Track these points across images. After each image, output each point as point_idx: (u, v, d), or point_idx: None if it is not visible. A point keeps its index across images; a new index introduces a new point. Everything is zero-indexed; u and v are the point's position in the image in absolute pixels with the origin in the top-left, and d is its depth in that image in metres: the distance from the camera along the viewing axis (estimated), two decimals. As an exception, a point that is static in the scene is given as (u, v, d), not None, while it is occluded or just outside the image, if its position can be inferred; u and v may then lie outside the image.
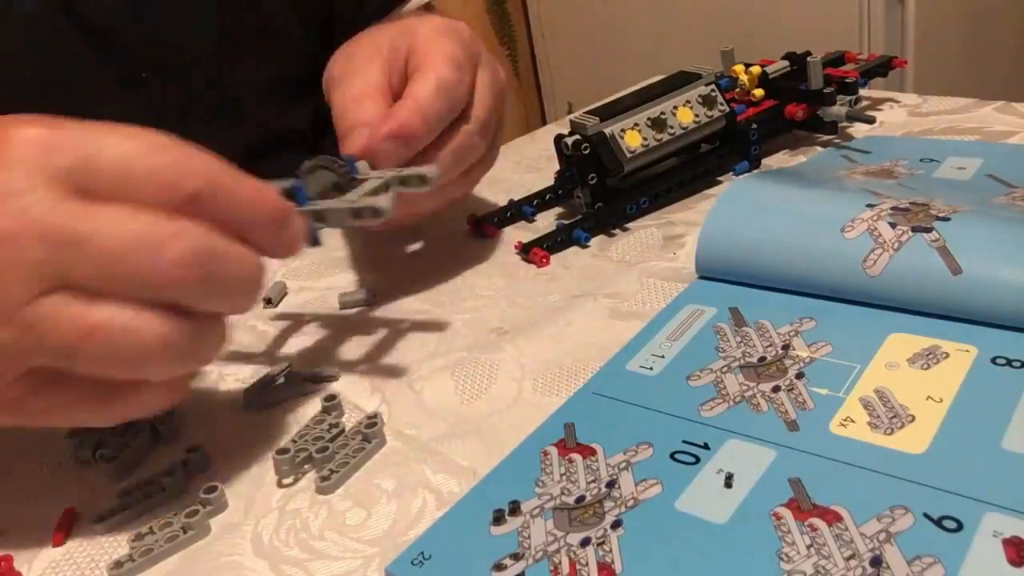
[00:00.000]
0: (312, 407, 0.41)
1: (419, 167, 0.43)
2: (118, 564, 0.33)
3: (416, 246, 0.57)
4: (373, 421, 0.38)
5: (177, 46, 0.59)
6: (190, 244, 0.30)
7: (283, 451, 0.37)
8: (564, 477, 0.33)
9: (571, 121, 0.54)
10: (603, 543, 0.30)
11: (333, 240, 0.60)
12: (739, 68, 0.60)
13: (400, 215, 0.40)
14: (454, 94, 0.45)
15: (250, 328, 0.50)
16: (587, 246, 0.52)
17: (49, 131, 0.30)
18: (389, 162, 0.43)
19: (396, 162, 0.43)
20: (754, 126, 0.57)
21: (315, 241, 0.39)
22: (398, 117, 0.43)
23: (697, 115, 0.55)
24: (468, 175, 0.49)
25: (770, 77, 0.59)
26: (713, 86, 0.55)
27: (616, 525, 0.30)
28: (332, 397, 0.41)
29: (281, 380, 0.43)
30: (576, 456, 0.34)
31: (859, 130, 0.60)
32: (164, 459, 0.39)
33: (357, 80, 0.48)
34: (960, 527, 0.28)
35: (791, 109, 0.58)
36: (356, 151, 0.43)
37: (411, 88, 0.44)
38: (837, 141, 0.59)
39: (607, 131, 0.53)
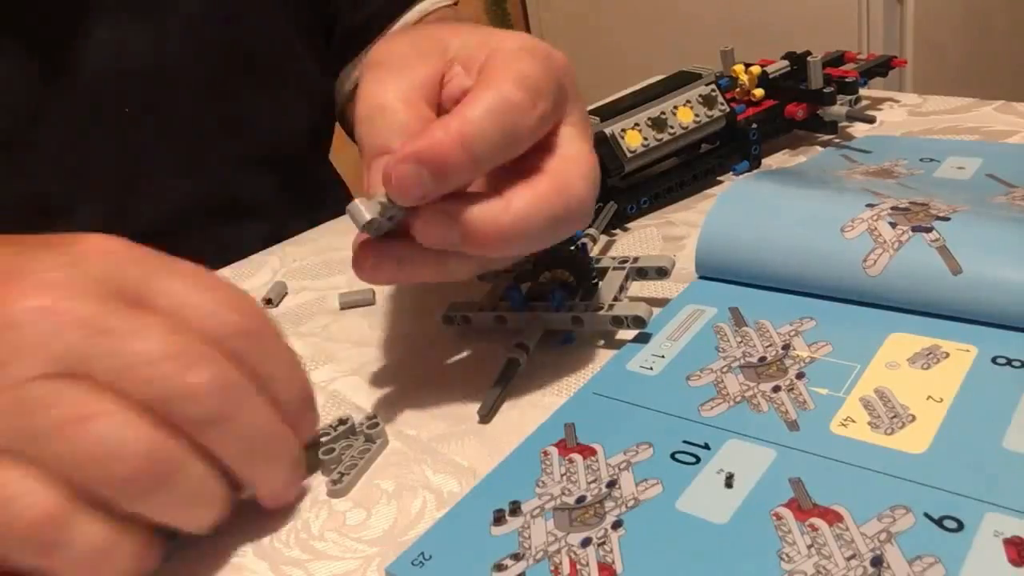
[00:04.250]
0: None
1: (659, 256, 0.43)
2: None
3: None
4: (375, 421, 0.38)
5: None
6: (218, 371, 0.29)
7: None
8: (564, 477, 0.33)
9: (571, 121, 0.54)
10: (604, 543, 0.30)
11: (333, 240, 0.60)
12: (739, 68, 0.60)
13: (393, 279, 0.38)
14: (517, 122, 0.33)
15: (250, 328, 0.50)
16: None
17: (126, 248, 0.31)
18: (409, 192, 0.32)
19: (421, 194, 0.32)
20: (754, 126, 0.57)
21: (568, 339, 0.42)
22: (430, 136, 0.32)
23: (697, 115, 0.55)
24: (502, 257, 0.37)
25: (770, 77, 0.59)
26: (713, 86, 0.55)
27: (617, 525, 0.30)
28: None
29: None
30: (576, 456, 0.34)
31: (859, 130, 0.60)
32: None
33: (396, 79, 0.36)
34: (961, 527, 0.28)
35: (791, 109, 0.58)
36: (372, 186, 0.34)
37: (460, 105, 0.33)
38: (837, 141, 0.59)
39: (607, 131, 0.53)
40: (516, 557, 0.30)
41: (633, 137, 0.53)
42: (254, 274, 0.57)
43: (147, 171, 0.60)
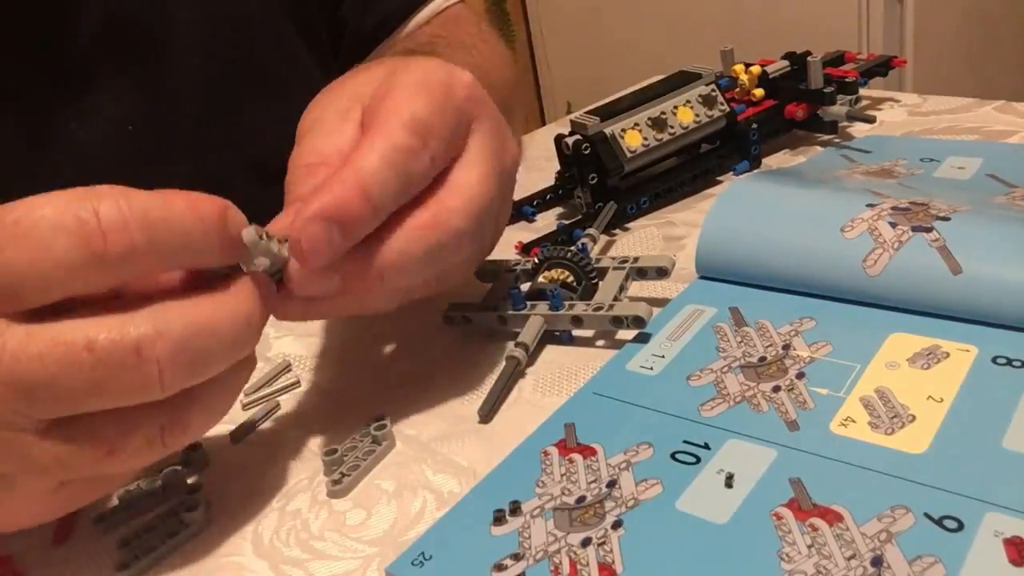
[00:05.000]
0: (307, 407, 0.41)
1: (659, 256, 0.43)
2: (124, 565, 0.33)
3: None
4: (382, 424, 0.38)
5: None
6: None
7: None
8: (564, 477, 0.33)
9: (571, 121, 0.54)
10: (604, 543, 0.30)
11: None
12: (739, 68, 0.60)
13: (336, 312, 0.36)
14: (409, 166, 0.34)
15: (250, 328, 0.50)
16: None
17: None
18: (321, 253, 0.32)
19: (331, 253, 0.33)
20: (754, 126, 0.57)
21: (568, 339, 0.42)
22: (331, 193, 0.32)
23: (697, 115, 0.55)
24: (446, 277, 0.38)
25: (770, 77, 0.59)
26: (713, 86, 0.55)
27: (617, 525, 0.30)
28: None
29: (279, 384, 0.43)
30: (577, 456, 0.34)
31: (859, 130, 0.60)
32: (163, 459, 0.39)
33: (322, 139, 0.37)
34: (961, 527, 0.28)
35: (791, 109, 0.58)
36: (278, 233, 0.34)
37: (352, 155, 0.34)
38: (837, 141, 0.59)
39: (607, 131, 0.53)
40: (516, 557, 0.30)
41: (633, 137, 0.53)
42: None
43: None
